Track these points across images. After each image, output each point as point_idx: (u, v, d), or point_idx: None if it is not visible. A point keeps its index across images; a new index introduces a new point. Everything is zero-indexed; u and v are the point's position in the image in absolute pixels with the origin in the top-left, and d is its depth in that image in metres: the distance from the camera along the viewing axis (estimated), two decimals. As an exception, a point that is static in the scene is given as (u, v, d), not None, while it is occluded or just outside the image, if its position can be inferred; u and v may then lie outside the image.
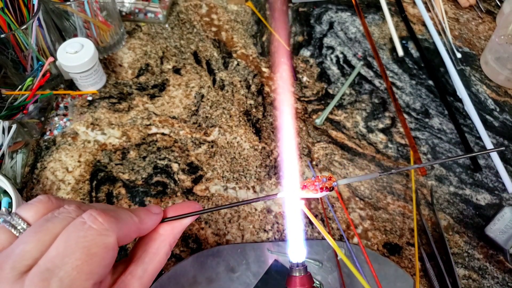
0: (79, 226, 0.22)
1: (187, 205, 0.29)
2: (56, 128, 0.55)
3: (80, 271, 0.21)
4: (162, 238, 0.27)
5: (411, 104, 0.58)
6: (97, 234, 0.22)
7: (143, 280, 0.25)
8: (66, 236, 0.21)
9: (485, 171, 0.52)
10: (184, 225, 0.28)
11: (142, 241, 0.27)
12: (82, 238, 0.21)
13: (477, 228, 0.48)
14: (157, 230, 0.27)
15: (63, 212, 0.23)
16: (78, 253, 0.21)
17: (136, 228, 0.25)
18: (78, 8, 0.56)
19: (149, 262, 0.25)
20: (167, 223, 0.28)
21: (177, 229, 0.28)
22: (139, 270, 0.25)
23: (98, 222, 0.22)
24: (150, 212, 0.27)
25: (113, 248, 0.23)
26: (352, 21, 0.69)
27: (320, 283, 0.43)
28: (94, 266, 0.21)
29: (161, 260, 0.26)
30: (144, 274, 0.25)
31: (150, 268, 0.25)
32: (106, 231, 0.22)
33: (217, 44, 0.65)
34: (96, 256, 0.21)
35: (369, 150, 0.54)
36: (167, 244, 0.27)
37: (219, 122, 0.56)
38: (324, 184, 0.28)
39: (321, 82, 0.61)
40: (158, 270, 0.26)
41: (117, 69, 0.61)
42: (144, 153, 0.53)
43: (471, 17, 0.70)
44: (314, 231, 0.47)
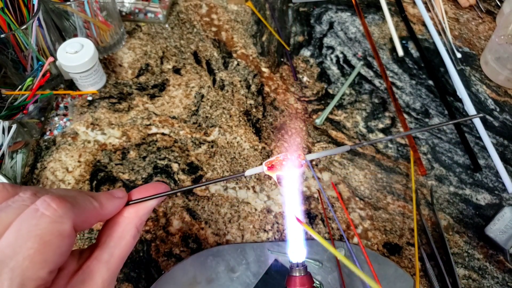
0: (32, 214, 0.21)
1: (153, 186, 0.28)
2: (56, 128, 0.55)
3: (32, 260, 0.20)
4: (127, 221, 0.26)
5: (411, 104, 0.58)
6: (51, 221, 0.21)
7: (110, 265, 0.24)
8: (18, 225, 0.21)
9: (485, 171, 0.52)
10: (150, 207, 0.27)
11: (107, 226, 0.26)
12: (34, 226, 0.21)
13: (477, 228, 0.48)
14: (122, 214, 0.26)
15: (17, 201, 0.22)
16: (30, 242, 0.20)
17: (96, 213, 0.25)
18: (78, 8, 0.56)
19: (115, 246, 0.25)
20: (132, 206, 0.27)
21: (143, 211, 0.27)
22: (104, 254, 0.24)
23: (52, 208, 0.21)
24: (112, 196, 0.26)
25: (69, 235, 0.22)
26: (352, 21, 0.69)
27: (320, 283, 0.43)
28: (49, 254, 0.21)
29: (128, 243, 0.25)
30: (111, 259, 0.24)
31: (116, 252, 0.25)
32: (60, 218, 0.21)
33: (217, 44, 0.65)
34: (50, 245, 0.21)
35: (369, 150, 0.54)
36: (133, 227, 0.26)
37: (219, 122, 0.56)
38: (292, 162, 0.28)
39: (321, 82, 0.61)
40: (126, 254, 0.25)
41: (117, 69, 0.61)
42: (144, 153, 0.53)
43: (471, 17, 0.70)
44: (314, 231, 0.47)
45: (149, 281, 0.43)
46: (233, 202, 0.49)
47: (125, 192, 0.27)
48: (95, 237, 0.46)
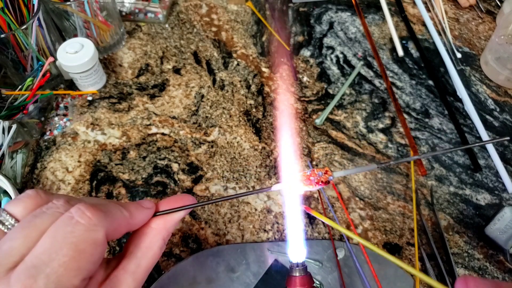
0: (67, 221, 0.22)
1: (180, 198, 0.28)
2: (56, 128, 0.55)
3: (67, 267, 0.20)
4: (154, 232, 0.26)
5: (411, 104, 0.58)
6: (85, 229, 0.21)
7: (137, 275, 0.24)
8: (53, 232, 0.21)
9: (485, 171, 0.52)
10: (177, 219, 0.28)
11: (135, 236, 0.26)
12: (70, 233, 0.21)
13: (477, 228, 0.48)
14: (150, 224, 0.27)
15: (51, 207, 0.23)
16: (65, 249, 0.21)
17: (126, 223, 0.25)
18: (78, 8, 0.56)
19: (142, 257, 0.25)
20: (160, 217, 0.27)
21: (170, 223, 0.27)
22: (132, 265, 0.24)
23: (86, 217, 0.22)
24: (141, 207, 0.26)
25: (102, 244, 0.22)
26: (352, 21, 0.69)
27: (320, 283, 0.43)
28: (82, 262, 0.21)
29: (154, 254, 0.26)
30: (137, 269, 0.25)
31: (143, 263, 0.25)
32: (94, 226, 0.22)
33: (217, 44, 0.65)
34: (84, 252, 0.21)
35: (369, 150, 0.54)
36: (160, 238, 0.26)
37: (219, 122, 0.56)
38: (319, 179, 0.28)
39: (321, 82, 0.61)
40: (152, 265, 0.26)
41: (117, 69, 0.61)
42: (144, 153, 0.53)
43: (471, 17, 0.70)
44: (314, 231, 0.47)
45: (149, 281, 0.43)
46: (233, 202, 0.49)
47: (153, 203, 0.27)
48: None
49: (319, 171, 0.28)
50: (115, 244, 0.46)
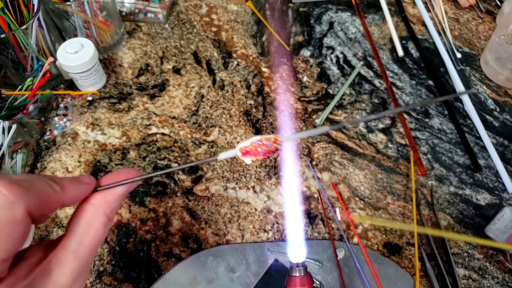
0: None
1: (124, 172, 0.27)
2: (56, 128, 0.55)
3: None
4: (95, 208, 0.25)
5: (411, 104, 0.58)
6: (0, 208, 0.20)
7: (79, 254, 0.23)
8: None
9: (485, 171, 0.52)
10: (120, 193, 0.26)
11: (75, 214, 0.25)
12: None
13: (477, 228, 0.48)
14: (89, 201, 0.25)
15: None
16: None
17: (57, 198, 0.23)
18: (78, 8, 0.56)
19: (84, 234, 0.23)
20: (100, 192, 0.25)
21: (111, 197, 0.25)
22: (72, 243, 0.23)
23: (2, 194, 0.20)
24: (77, 181, 0.25)
25: (22, 222, 0.21)
26: (352, 21, 0.69)
27: (320, 283, 0.43)
28: (0, 242, 0.20)
29: (97, 230, 0.24)
30: (80, 247, 0.23)
31: (86, 240, 0.23)
32: (10, 204, 0.20)
33: (217, 44, 0.65)
34: (0, 232, 0.20)
35: (369, 150, 0.54)
36: (101, 213, 0.24)
37: (219, 122, 0.56)
38: (268, 149, 0.26)
39: (321, 82, 0.61)
40: (98, 243, 0.24)
41: (117, 69, 0.61)
42: (144, 153, 0.53)
43: (471, 17, 0.70)
44: (314, 231, 0.47)
45: (149, 281, 0.43)
46: (233, 202, 0.49)
47: (92, 178, 0.26)
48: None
49: (268, 141, 0.26)
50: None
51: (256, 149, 0.26)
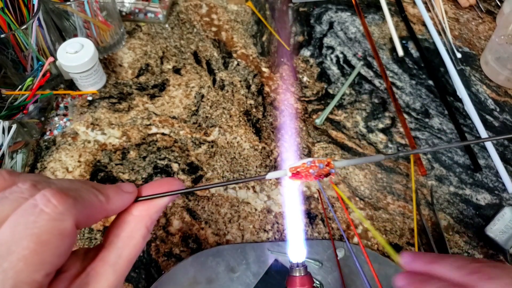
0: (30, 209, 0.19)
1: (165, 182, 0.26)
2: (56, 128, 0.55)
3: (27, 262, 0.18)
4: (137, 220, 0.24)
5: (411, 104, 0.58)
6: (50, 219, 0.19)
7: (117, 267, 0.22)
8: (14, 221, 0.19)
9: (485, 171, 0.52)
10: (162, 205, 0.25)
11: (115, 225, 0.24)
12: (32, 224, 0.19)
13: (477, 228, 0.48)
14: (130, 211, 0.24)
15: (15, 192, 0.20)
16: (26, 241, 0.18)
17: (102, 209, 0.22)
18: (78, 8, 0.56)
19: (123, 247, 0.23)
20: (142, 203, 0.24)
21: (153, 209, 0.25)
22: (112, 256, 0.22)
23: (52, 204, 0.19)
24: (121, 191, 0.24)
25: (70, 235, 0.20)
26: (352, 21, 0.69)
27: (320, 283, 0.43)
28: (46, 255, 0.19)
29: (137, 244, 0.23)
30: (118, 261, 0.22)
31: (124, 254, 0.22)
32: (60, 215, 0.19)
33: (217, 44, 0.65)
34: (47, 244, 0.19)
35: (369, 150, 0.54)
36: (143, 226, 0.24)
37: (219, 122, 0.56)
38: (320, 172, 0.25)
39: (321, 82, 0.61)
40: (135, 256, 0.23)
41: (117, 69, 0.61)
42: (144, 153, 0.53)
43: (471, 17, 0.70)
44: (314, 231, 0.47)
45: (149, 281, 0.43)
46: (233, 202, 0.49)
47: (134, 186, 0.25)
48: (95, 237, 0.46)
49: (320, 163, 0.25)
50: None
51: (308, 170, 0.25)
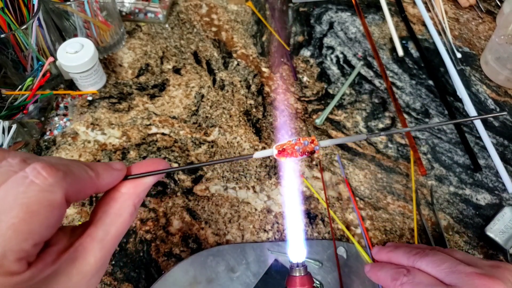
0: (20, 180, 0.19)
1: (152, 162, 0.26)
2: (56, 128, 0.55)
3: (16, 230, 0.18)
4: (125, 197, 0.24)
5: (411, 104, 0.58)
6: (40, 190, 0.19)
7: (104, 243, 0.22)
8: (4, 192, 0.19)
9: (485, 171, 0.52)
10: (149, 183, 0.26)
11: (103, 201, 0.24)
12: (22, 194, 0.19)
13: (477, 228, 0.48)
14: (119, 189, 0.24)
15: (4, 166, 0.20)
16: (16, 210, 0.19)
17: (91, 184, 0.23)
18: (78, 8, 0.56)
19: (111, 223, 0.23)
20: (130, 181, 0.25)
21: (141, 188, 0.25)
22: (99, 232, 0.23)
23: (42, 176, 0.20)
24: (110, 167, 0.24)
25: (59, 206, 0.20)
26: (352, 21, 0.69)
27: (320, 283, 0.43)
28: (35, 225, 0.19)
29: (125, 221, 0.24)
30: (106, 237, 0.23)
31: (112, 230, 0.23)
32: (50, 187, 0.20)
33: (217, 44, 0.65)
34: (37, 215, 0.19)
35: (369, 150, 0.54)
36: (130, 204, 0.24)
37: (219, 122, 0.56)
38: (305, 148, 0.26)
39: (321, 82, 0.61)
40: (123, 233, 0.24)
41: (117, 69, 0.61)
42: (144, 153, 0.53)
43: (471, 17, 0.70)
44: (314, 231, 0.47)
45: (149, 281, 0.43)
46: (233, 202, 0.49)
47: (123, 165, 0.25)
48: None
49: (305, 140, 0.26)
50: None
51: (294, 147, 0.26)
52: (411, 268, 0.35)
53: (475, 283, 0.31)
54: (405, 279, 0.34)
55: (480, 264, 0.34)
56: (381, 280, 0.37)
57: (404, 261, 0.37)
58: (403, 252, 0.38)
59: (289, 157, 0.26)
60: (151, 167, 0.26)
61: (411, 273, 0.35)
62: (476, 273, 0.32)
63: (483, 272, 0.32)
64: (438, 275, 0.34)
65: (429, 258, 0.35)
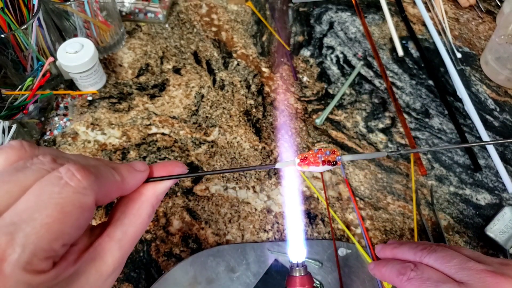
0: (55, 181, 0.20)
1: (171, 164, 0.26)
2: (56, 128, 0.55)
3: (49, 229, 0.18)
4: (143, 198, 0.24)
5: (411, 104, 0.58)
6: (74, 192, 0.20)
7: (123, 243, 0.22)
8: (38, 189, 0.19)
9: (485, 171, 0.52)
10: (168, 186, 0.26)
11: (122, 202, 0.24)
12: (57, 194, 0.19)
13: (477, 228, 0.48)
14: (139, 190, 0.25)
15: (36, 163, 0.20)
16: (50, 209, 0.19)
17: (117, 188, 0.23)
18: (78, 8, 0.56)
19: (129, 224, 0.23)
20: (150, 183, 0.25)
21: (160, 190, 0.25)
22: (118, 232, 0.23)
23: (76, 179, 0.20)
24: (134, 170, 0.24)
25: (90, 209, 0.20)
26: (352, 21, 0.69)
27: (320, 283, 0.43)
28: (66, 226, 0.19)
29: (143, 222, 0.24)
30: (124, 237, 0.23)
31: (130, 231, 0.23)
32: (84, 190, 0.20)
33: (217, 44, 0.65)
34: (69, 216, 0.19)
35: (369, 150, 0.54)
36: (149, 205, 0.24)
37: (219, 122, 0.56)
38: (326, 158, 0.26)
39: (321, 82, 0.61)
40: (140, 234, 0.24)
41: (117, 69, 0.61)
42: (144, 153, 0.53)
43: (471, 17, 0.70)
44: (314, 231, 0.47)
45: (149, 281, 0.43)
46: (233, 202, 0.49)
47: (146, 165, 0.25)
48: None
49: (327, 151, 0.26)
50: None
51: (316, 155, 0.26)
52: (418, 264, 0.34)
53: (487, 281, 0.31)
54: (413, 274, 0.33)
55: (489, 261, 0.33)
56: (387, 276, 0.36)
57: (411, 256, 0.36)
58: (409, 248, 0.36)
59: (312, 165, 0.26)
60: (170, 169, 0.26)
61: (419, 268, 0.33)
62: (487, 270, 0.31)
63: (494, 270, 0.31)
64: (447, 271, 0.33)
65: (438, 254, 0.34)
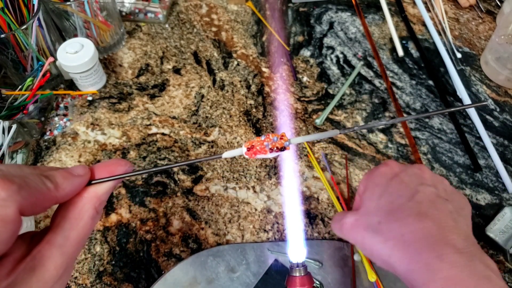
0: None
1: (114, 163, 0.25)
2: (56, 128, 0.55)
3: None
4: (84, 201, 0.23)
5: (411, 104, 0.58)
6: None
7: (65, 249, 0.22)
8: None
9: (485, 171, 0.52)
10: (112, 186, 0.25)
11: (63, 207, 0.23)
12: None
13: (477, 228, 0.48)
14: (80, 193, 0.24)
15: None
16: None
17: (49, 196, 0.22)
18: (78, 8, 0.56)
19: (71, 228, 0.22)
20: (91, 186, 0.24)
21: (102, 190, 0.24)
22: (58, 237, 0.22)
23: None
24: (71, 175, 0.23)
25: (12, 221, 0.19)
26: (352, 21, 0.69)
27: (320, 283, 0.43)
28: None
29: (85, 225, 0.23)
30: (66, 242, 0.22)
31: (72, 235, 0.22)
32: (3, 201, 0.19)
33: (217, 44, 0.65)
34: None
35: (369, 150, 0.54)
36: (91, 207, 0.23)
37: (219, 122, 0.56)
38: (274, 144, 0.25)
39: (321, 82, 0.61)
40: (85, 237, 0.23)
41: (117, 69, 0.61)
42: (144, 153, 0.53)
43: (471, 17, 0.70)
44: (314, 231, 0.47)
45: (149, 281, 0.43)
46: (233, 202, 0.49)
47: (86, 168, 0.24)
48: (95, 237, 0.46)
49: (274, 136, 0.25)
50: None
51: (263, 143, 0.25)
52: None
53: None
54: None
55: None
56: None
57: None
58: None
59: (259, 154, 0.25)
60: (112, 168, 0.25)
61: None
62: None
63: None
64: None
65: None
